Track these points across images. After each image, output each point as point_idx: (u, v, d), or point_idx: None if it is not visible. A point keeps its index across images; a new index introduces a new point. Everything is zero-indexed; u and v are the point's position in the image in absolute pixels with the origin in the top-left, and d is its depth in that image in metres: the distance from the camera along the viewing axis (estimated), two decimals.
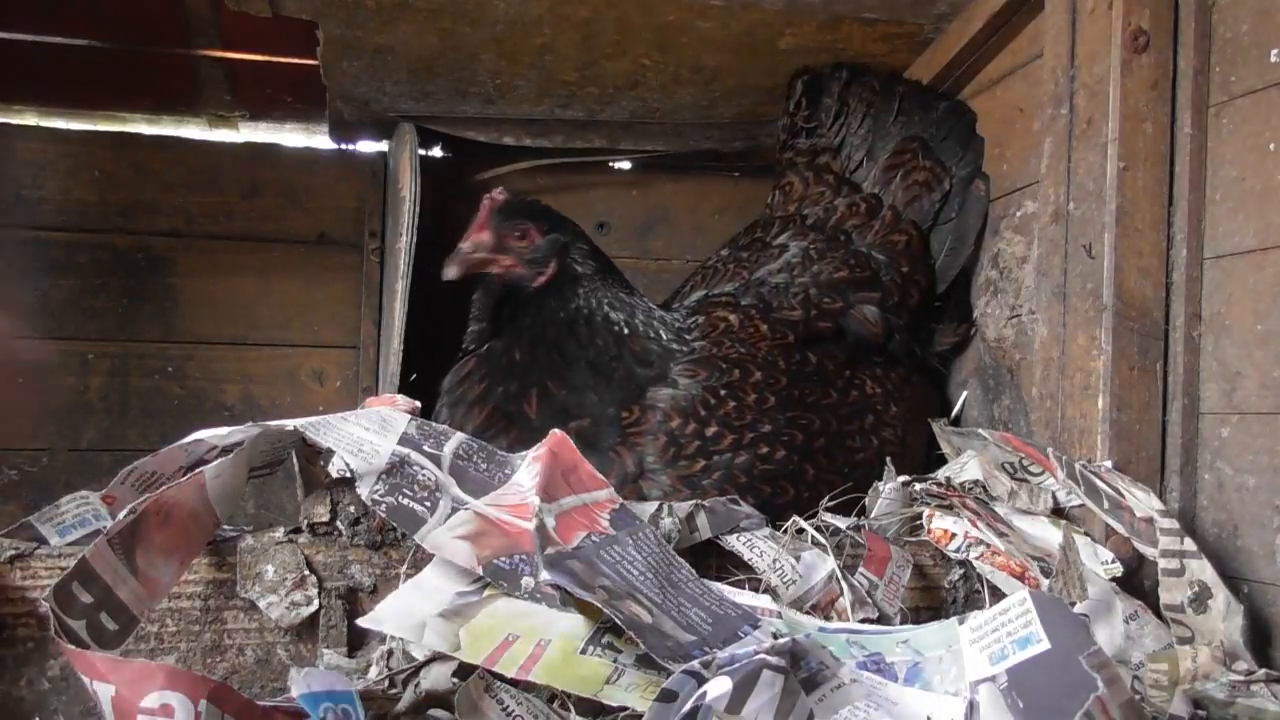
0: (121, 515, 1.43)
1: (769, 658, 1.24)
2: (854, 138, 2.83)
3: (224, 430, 1.73)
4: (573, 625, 1.46)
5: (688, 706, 1.17)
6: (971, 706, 1.30)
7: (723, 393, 2.24)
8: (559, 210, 2.47)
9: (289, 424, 1.75)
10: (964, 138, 2.72)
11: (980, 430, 2.27)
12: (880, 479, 2.13)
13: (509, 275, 2.34)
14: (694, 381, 2.25)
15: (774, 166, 2.97)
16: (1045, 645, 1.28)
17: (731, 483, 2.14)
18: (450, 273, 2.28)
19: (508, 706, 1.40)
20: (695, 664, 1.24)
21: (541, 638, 1.43)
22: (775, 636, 1.41)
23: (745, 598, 1.62)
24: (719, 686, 1.18)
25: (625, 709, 1.38)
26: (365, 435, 1.68)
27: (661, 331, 2.35)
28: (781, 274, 2.61)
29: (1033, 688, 1.26)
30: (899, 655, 1.46)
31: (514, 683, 1.42)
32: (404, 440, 1.69)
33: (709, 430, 2.19)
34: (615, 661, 1.41)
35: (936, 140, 2.75)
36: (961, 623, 1.42)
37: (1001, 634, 1.33)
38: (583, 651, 1.42)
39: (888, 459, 2.23)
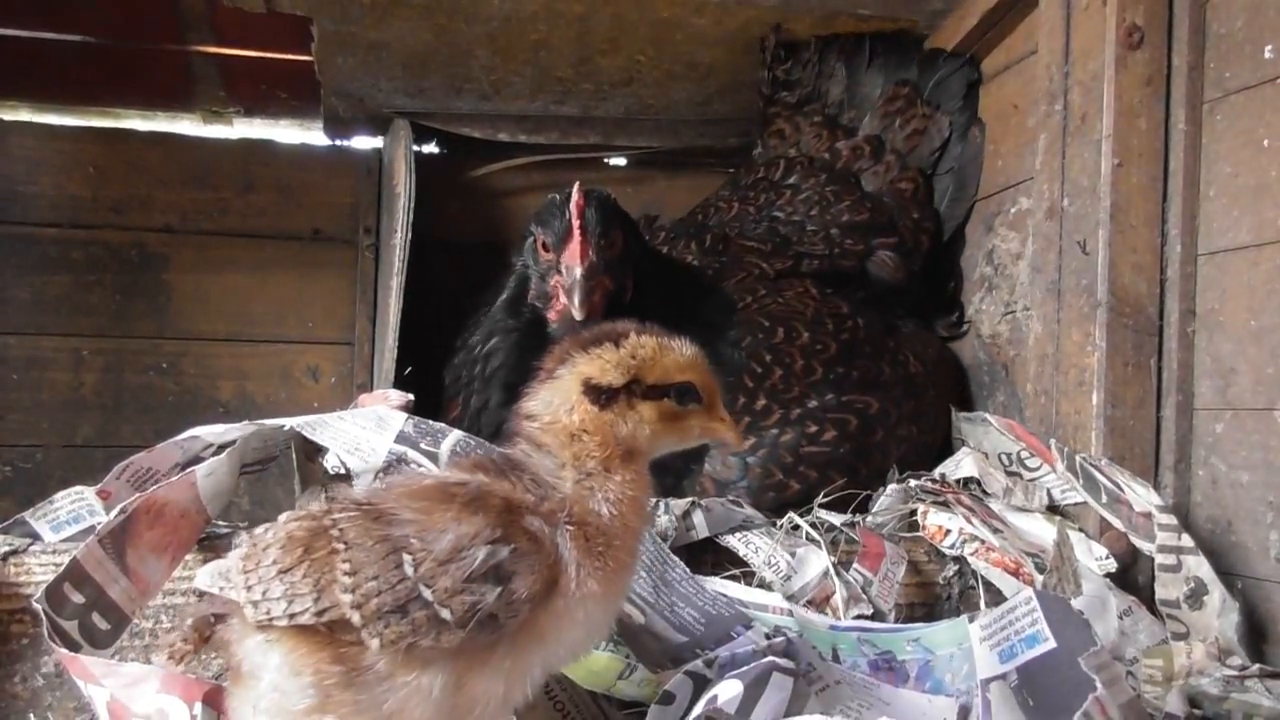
0: (112, 515, 1.43)
1: (779, 660, 1.24)
2: (834, 86, 2.84)
3: (220, 428, 1.73)
4: None
5: (697, 711, 1.16)
6: (964, 711, 1.31)
7: (768, 358, 2.19)
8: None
9: (286, 423, 1.75)
10: (960, 85, 2.69)
11: (986, 415, 2.27)
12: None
13: (608, 296, 2.07)
14: (737, 349, 2.20)
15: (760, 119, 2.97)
16: (1051, 644, 1.29)
17: (776, 463, 2.10)
18: (580, 314, 1.99)
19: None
20: (698, 663, 1.23)
21: None
22: (768, 636, 1.41)
23: (757, 595, 1.62)
24: (730, 690, 1.17)
25: (637, 704, 1.39)
26: (362, 434, 1.68)
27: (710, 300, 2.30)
28: (797, 214, 2.64)
29: (1041, 685, 1.27)
30: (910, 653, 1.47)
31: None
32: (401, 438, 1.69)
33: (757, 404, 2.15)
34: (627, 658, 1.42)
35: (928, 84, 2.74)
36: (971, 620, 1.43)
37: (1009, 632, 1.34)
38: (595, 647, 1.43)
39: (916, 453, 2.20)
